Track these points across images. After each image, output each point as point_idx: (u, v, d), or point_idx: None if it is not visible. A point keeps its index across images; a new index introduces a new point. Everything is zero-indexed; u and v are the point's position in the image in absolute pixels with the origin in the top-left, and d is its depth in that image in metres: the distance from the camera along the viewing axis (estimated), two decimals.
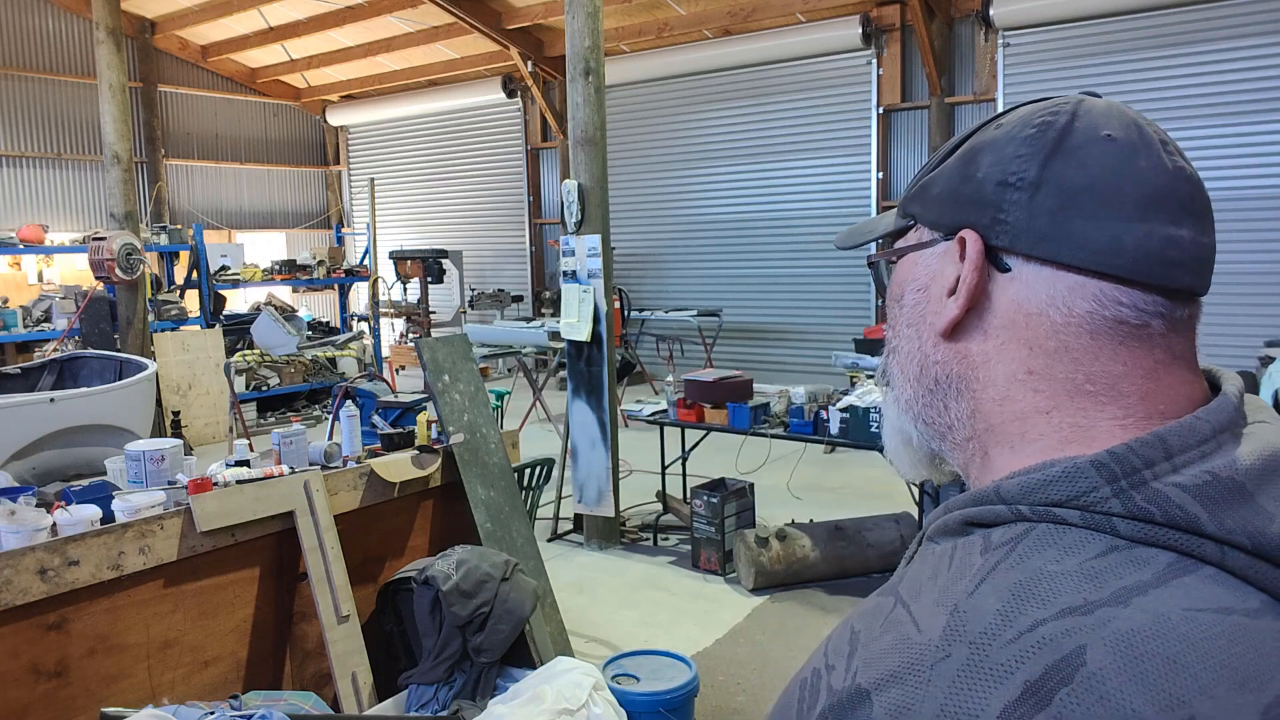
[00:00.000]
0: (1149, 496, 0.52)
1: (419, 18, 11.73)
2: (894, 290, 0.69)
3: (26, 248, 10.06)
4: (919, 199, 0.67)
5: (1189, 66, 8.34)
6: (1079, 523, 0.53)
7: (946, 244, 0.64)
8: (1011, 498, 0.56)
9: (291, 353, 10.03)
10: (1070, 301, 0.59)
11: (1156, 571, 0.50)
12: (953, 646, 0.49)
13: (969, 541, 0.56)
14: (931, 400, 0.66)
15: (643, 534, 5.83)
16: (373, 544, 3.52)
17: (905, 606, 0.54)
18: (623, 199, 11.71)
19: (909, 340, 0.67)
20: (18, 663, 2.52)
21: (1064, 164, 0.60)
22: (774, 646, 4.25)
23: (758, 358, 11.01)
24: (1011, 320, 0.61)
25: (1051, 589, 0.50)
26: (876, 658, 0.52)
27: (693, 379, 5.61)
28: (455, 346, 3.97)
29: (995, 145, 0.62)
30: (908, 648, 0.51)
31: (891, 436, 0.72)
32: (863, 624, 0.56)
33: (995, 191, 0.61)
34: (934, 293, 0.65)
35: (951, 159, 0.65)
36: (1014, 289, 0.61)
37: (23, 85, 12.21)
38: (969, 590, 0.52)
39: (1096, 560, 0.51)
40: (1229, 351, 7.78)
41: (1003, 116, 0.66)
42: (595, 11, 5.44)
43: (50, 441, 5.59)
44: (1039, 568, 0.51)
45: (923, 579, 0.56)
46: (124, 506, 2.81)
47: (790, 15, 10.13)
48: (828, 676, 0.54)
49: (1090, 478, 0.53)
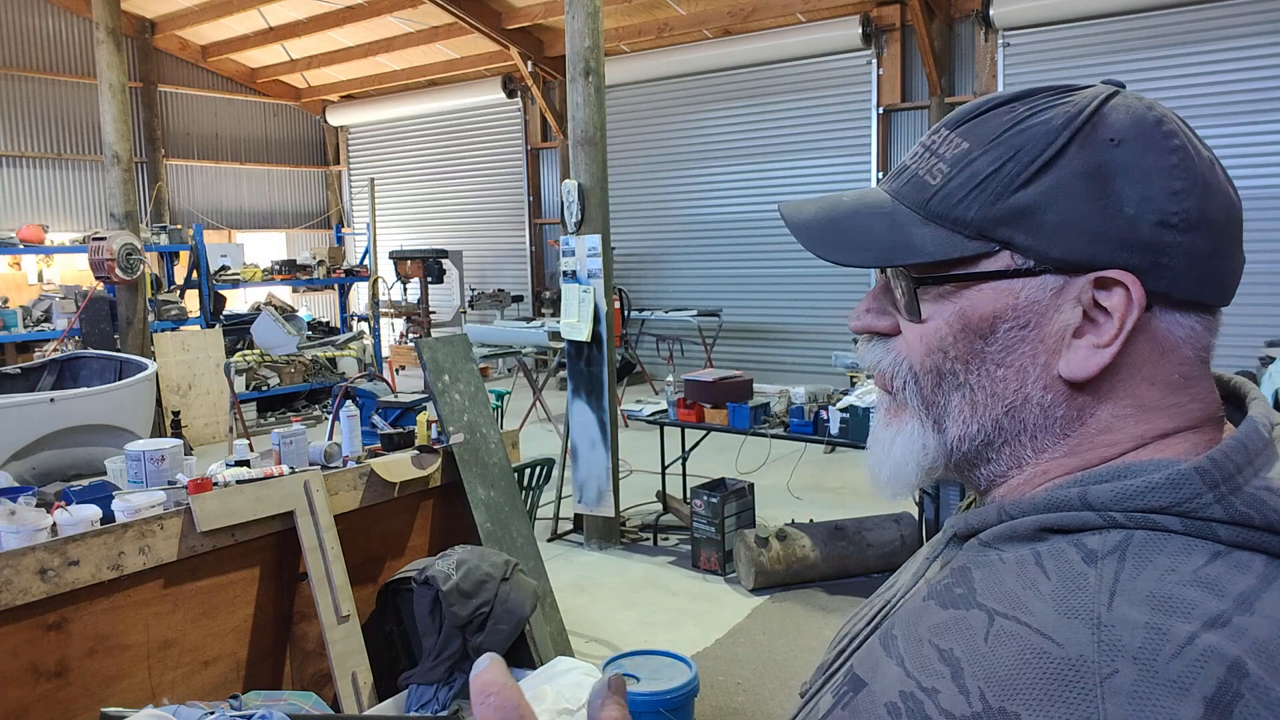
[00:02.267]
0: (1246, 500, 0.52)
1: (419, 18, 11.73)
2: (968, 319, 0.61)
3: (26, 248, 10.06)
4: (1020, 225, 0.58)
5: (1189, 66, 8.34)
6: (1180, 529, 0.53)
7: (1061, 278, 0.58)
8: (1102, 504, 0.55)
9: (291, 353, 10.03)
10: (1201, 337, 0.59)
11: (1259, 575, 0.51)
12: (1117, 662, 0.48)
13: (1056, 549, 0.55)
14: (995, 440, 0.62)
15: (643, 534, 5.83)
16: (373, 544, 3.52)
17: (1013, 619, 0.52)
18: (623, 199, 11.71)
19: (999, 381, 0.60)
20: (18, 663, 2.52)
21: (1210, 199, 0.58)
22: (774, 646, 4.25)
23: (758, 358, 11.01)
24: (1143, 359, 0.58)
25: (1185, 599, 0.49)
26: (1006, 677, 0.50)
27: (693, 379, 5.61)
28: (455, 346, 3.97)
29: (1132, 172, 0.57)
30: (1050, 663, 0.49)
31: (907, 458, 0.65)
32: (952, 640, 0.53)
33: (1153, 233, 0.56)
34: (1049, 332, 0.59)
35: (1057, 178, 0.57)
36: (1151, 329, 0.58)
37: (23, 85, 12.21)
38: (1104, 602, 0.50)
39: (1207, 568, 0.51)
40: (1229, 351, 7.77)
41: (1062, 108, 0.59)
42: (595, 11, 5.44)
43: (50, 441, 5.59)
44: (1161, 577, 0.51)
45: (1014, 589, 0.54)
46: (124, 506, 2.81)
47: (790, 15, 10.13)
48: (933, 700, 0.52)
49: (1194, 484, 0.53)
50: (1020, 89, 0.63)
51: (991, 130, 0.61)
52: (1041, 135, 0.58)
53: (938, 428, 0.63)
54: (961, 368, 0.61)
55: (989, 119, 0.62)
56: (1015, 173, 0.58)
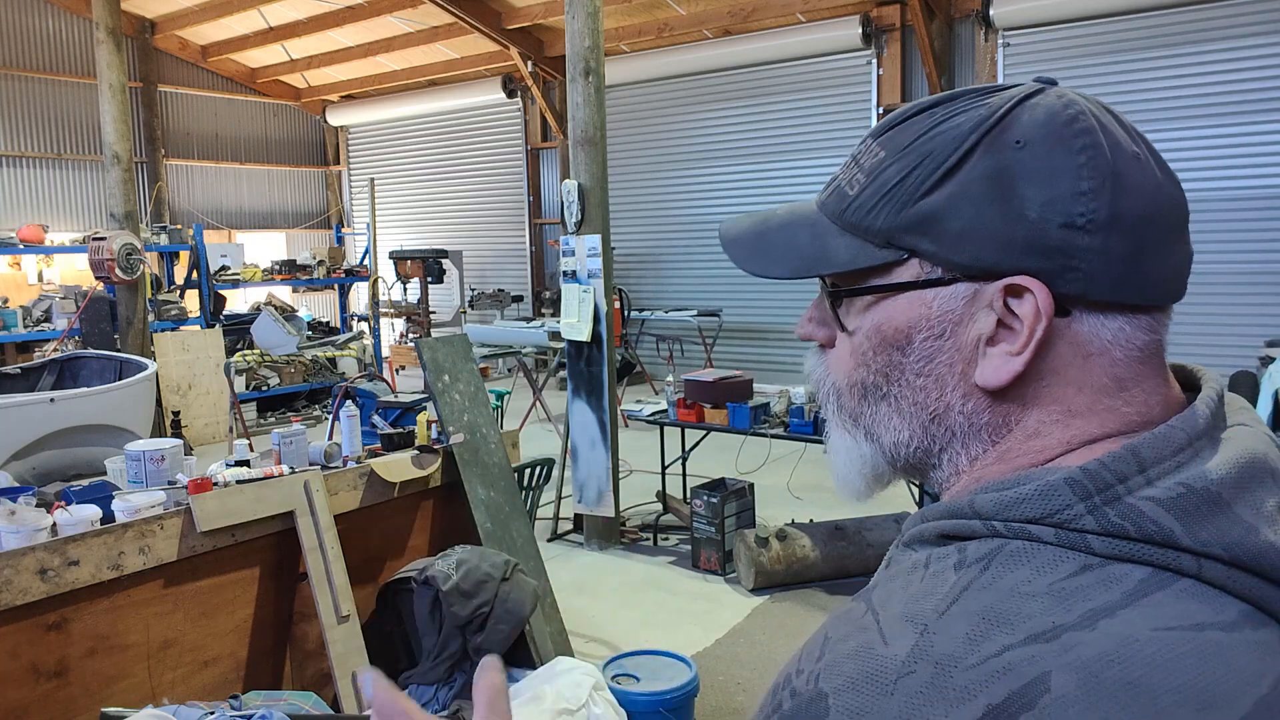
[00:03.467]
0: (1122, 512, 0.51)
1: (419, 18, 11.73)
2: (885, 332, 0.61)
3: (26, 248, 10.06)
4: (925, 232, 0.58)
5: (1189, 66, 8.34)
6: (1053, 540, 0.52)
7: (972, 286, 0.57)
8: (986, 513, 0.55)
9: (291, 353, 10.03)
10: (1132, 338, 0.57)
11: (1127, 590, 0.50)
12: (918, 664, 0.49)
13: (943, 554, 0.56)
14: (932, 447, 0.62)
15: (643, 534, 5.83)
16: (373, 544, 3.52)
17: (875, 614, 0.54)
18: (623, 199, 11.70)
19: (919, 390, 0.60)
20: (18, 663, 2.52)
21: (1123, 197, 0.55)
22: (774, 646, 4.25)
23: (758, 358, 11.01)
24: (1065, 364, 0.57)
25: (1020, 612, 0.49)
26: (839, 662, 0.52)
27: (693, 379, 5.61)
28: (455, 346, 3.97)
29: (1037, 174, 0.55)
30: (871, 657, 0.51)
31: (849, 468, 0.66)
32: (834, 629, 0.56)
33: (1061, 236, 0.55)
34: (964, 341, 0.58)
35: (961, 184, 0.57)
36: (1071, 333, 0.57)
37: (23, 85, 12.21)
38: (939, 610, 0.51)
39: (1068, 580, 0.50)
40: (1229, 351, 7.78)
41: (975, 111, 0.58)
42: (595, 11, 5.44)
43: (50, 441, 5.59)
44: (1010, 589, 0.51)
45: (894, 589, 0.56)
46: (124, 506, 2.81)
47: (790, 15, 10.13)
48: (795, 680, 0.54)
49: (1063, 495, 0.52)
50: (948, 92, 0.62)
51: (906, 138, 0.60)
52: (949, 140, 0.58)
53: (870, 437, 0.64)
54: (884, 380, 0.61)
55: (907, 126, 0.61)
56: (920, 180, 0.58)
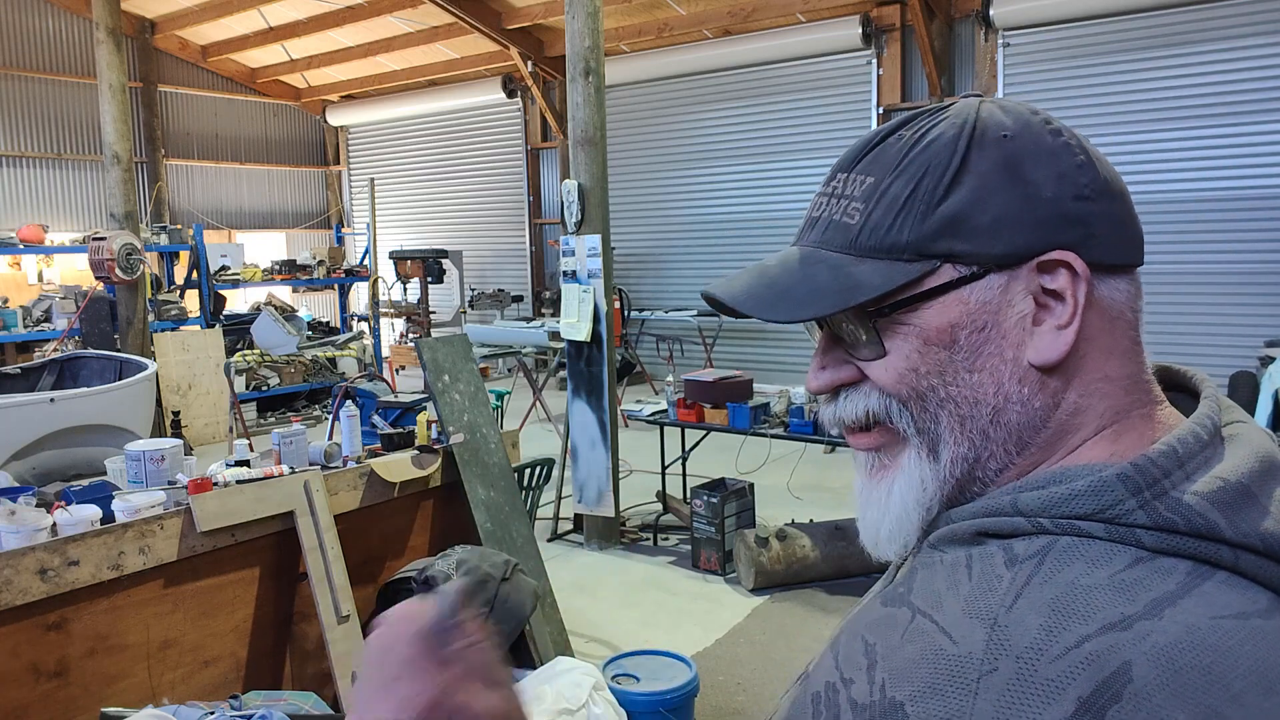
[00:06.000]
0: (1170, 506, 0.53)
1: (419, 18, 11.73)
2: (928, 336, 0.60)
3: (26, 248, 10.06)
4: (955, 234, 0.59)
5: (1189, 66, 8.33)
6: (1104, 535, 0.53)
7: (1004, 274, 0.59)
8: (1031, 510, 0.55)
9: (291, 353, 10.03)
10: (1134, 297, 0.61)
11: (1180, 581, 0.51)
12: (999, 660, 0.49)
13: (987, 552, 0.56)
14: (981, 456, 0.60)
15: (643, 534, 5.83)
16: (373, 544, 3.52)
17: (928, 618, 0.54)
18: (623, 199, 11.70)
19: (975, 387, 0.60)
20: (18, 663, 2.52)
21: (1101, 166, 0.60)
22: (774, 646, 4.25)
23: (758, 358, 11.01)
24: (1097, 330, 0.59)
25: (1089, 604, 0.50)
26: (905, 669, 0.52)
27: (693, 379, 5.61)
28: (455, 346, 3.97)
29: (1037, 157, 0.59)
30: (942, 659, 0.51)
31: (895, 513, 0.63)
32: (877, 635, 0.55)
33: (1076, 207, 0.58)
34: (1008, 326, 0.59)
35: (977, 180, 0.58)
36: (1097, 300, 0.59)
37: (23, 85, 12.21)
38: (1006, 604, 0.51)
39: (1125, 573, 0.51)
40: (1229, 351, 7.78)
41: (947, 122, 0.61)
42: (595, 11, 5.44)
43: (50, 441, 5.59)
44: (1072, 581, 0.51)
45: (939, 589, 0.55)
46: (124, 506, 2.81)
47: (790, 15, 10.13)
48: (847, 691, 0.54)
49: (1115, 490, 0.54)
50: (892, 121, 0.64)
51: (892, 158, 0.61)
52: (942, 148, 0.60)
53: (933, 454, 0.62)
54: (938, 381, 0.60)
55: (883, 150, 0.62)
56: (932, 187, 0.59)
